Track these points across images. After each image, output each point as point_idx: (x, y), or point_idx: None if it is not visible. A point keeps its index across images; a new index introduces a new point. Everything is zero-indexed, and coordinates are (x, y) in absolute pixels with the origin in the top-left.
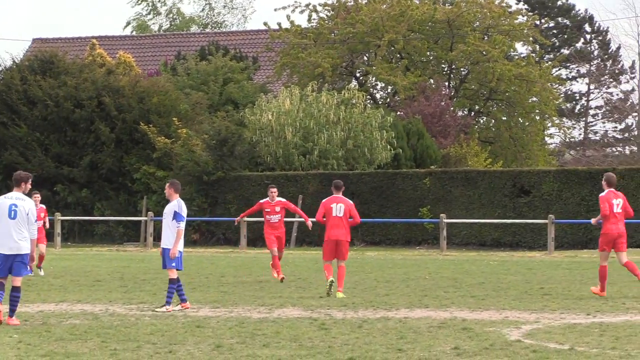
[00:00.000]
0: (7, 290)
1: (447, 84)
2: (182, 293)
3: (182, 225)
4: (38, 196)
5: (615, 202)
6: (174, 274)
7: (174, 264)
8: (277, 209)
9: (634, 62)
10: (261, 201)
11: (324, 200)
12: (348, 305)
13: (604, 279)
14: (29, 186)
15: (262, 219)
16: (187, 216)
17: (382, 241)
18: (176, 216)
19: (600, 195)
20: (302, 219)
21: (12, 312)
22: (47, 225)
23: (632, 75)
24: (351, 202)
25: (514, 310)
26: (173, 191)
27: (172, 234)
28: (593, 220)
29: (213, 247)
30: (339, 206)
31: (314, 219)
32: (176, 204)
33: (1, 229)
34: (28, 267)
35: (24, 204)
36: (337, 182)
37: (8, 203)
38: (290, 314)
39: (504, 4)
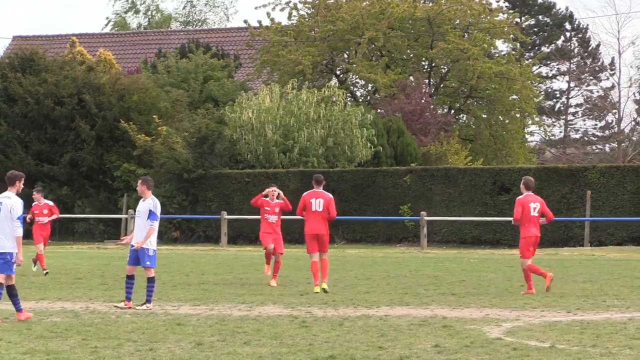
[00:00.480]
0: None
1: (427, 81)
2: (130, 292)
3: (156, 224)
4: (38, 193)
5: (533, 205)
6: (151, 273)
7: (148, 263)
8: (277, 209)
9: (613, 59)
10: (263, 198)
11: (304, 194)
12: (329, 302)
13: (529, 278)
14: (22, 185)
15: (243, 216)
16: (168, 214)
17: (362, 239)
18: (151, 215)
19: (518, 198)
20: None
21: None
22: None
23: (612, 72)
24: (331, 196)
25: (494, 308)
26: (145, 188)
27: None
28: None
29: (193, 244)
30: (318, 201)
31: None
32: (151, 203)
33: None
34: (12, 265)
35: (8, 202)
36: (318, 176)
37: None
38: (271, 311)
39: (484, 2)
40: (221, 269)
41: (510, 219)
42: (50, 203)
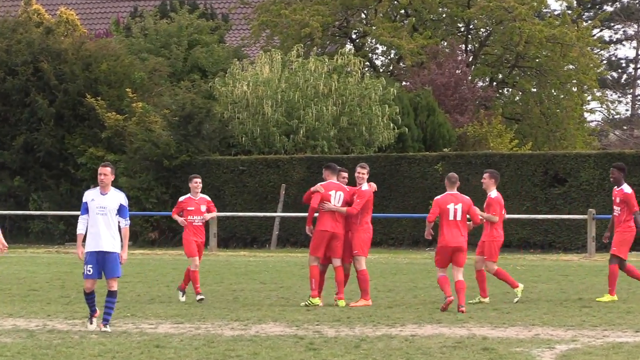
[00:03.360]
0: None
1: (463, 47)
2: (94, 304)
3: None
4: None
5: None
6: (116, 285)
7: (118, 274)
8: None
9: None
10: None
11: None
12: (342, 320)
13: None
14: None
15: (236, 213)
16: (144, 210)
17: (383, 241)
18: (122, 211)
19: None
20: (277, 214)
21: None
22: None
23: None
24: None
25: (545, 327)
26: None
27: (116, 233)
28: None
29: (175, 248)
30: (337, 194)
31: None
32: (121, 196)
33: None
34: None
35: None
36: (331, 164)
37: None
38: (270, 330)
39: None
40: (210, 279)
41: (567, 216)
42: None
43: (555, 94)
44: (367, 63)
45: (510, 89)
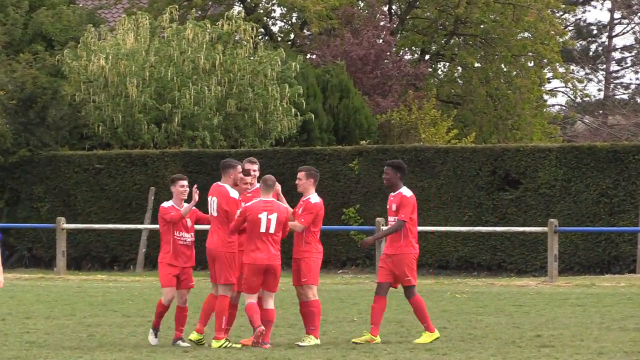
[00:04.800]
0: None
1: (386, 9)
2: None
3: None
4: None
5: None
6: None
7: None
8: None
9: None
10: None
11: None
12: None
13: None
14: None
15: (92, 225)
16: None
17: (282, 260)
18: None
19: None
20: (144, 226)
21: None
22: None
23: None
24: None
25: None
26: None
27: None
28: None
29: (12, 270)
30: (212, 200)
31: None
32: None
33: None
34: None
35: None
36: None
37: None
38: None
39: None
40: (58, 310)
41: (521, 229)
42: None
43: (505, 70)
44: (262, 30)
45: (447, 64)
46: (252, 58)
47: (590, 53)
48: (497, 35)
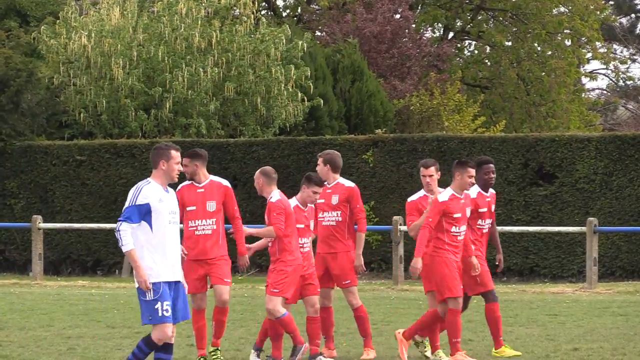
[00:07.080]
0: None
1: None
2: None
3: None
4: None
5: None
6: None
7: None
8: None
9: None
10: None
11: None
12: None
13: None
14: None
15: (72, 224)
16: None
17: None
18: None
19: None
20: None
21: None
22: None
23: None
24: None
25: None
26: None
27: None
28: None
29: None
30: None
31: None
32: None
33: None
34: None
35: None
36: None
37: None
38: None
39: None
40: (34, 320)
41: (557, 228)
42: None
43: (539, 49)
44: (264, 4)
45: (473, 43)
46: (253, 36)
47: (636, 31)
48: (530, 10)
